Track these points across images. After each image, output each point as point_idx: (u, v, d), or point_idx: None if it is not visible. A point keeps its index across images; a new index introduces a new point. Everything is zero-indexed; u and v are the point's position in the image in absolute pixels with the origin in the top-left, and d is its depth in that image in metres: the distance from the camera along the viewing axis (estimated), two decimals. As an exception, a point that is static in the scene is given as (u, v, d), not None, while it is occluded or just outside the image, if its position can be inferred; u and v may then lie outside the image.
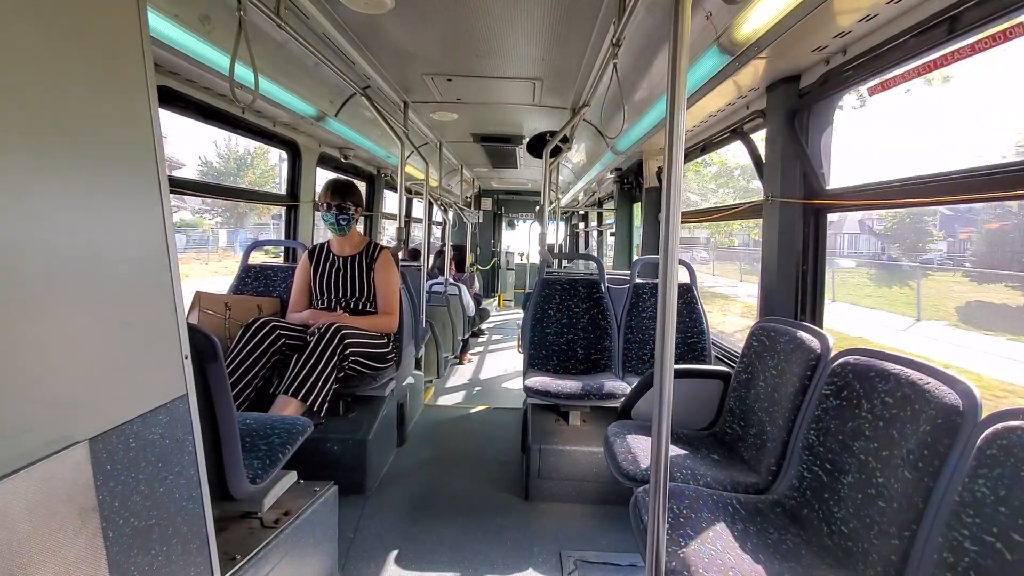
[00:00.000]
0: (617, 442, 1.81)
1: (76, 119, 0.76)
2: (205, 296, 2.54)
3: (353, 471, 2.30)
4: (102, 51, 0.81)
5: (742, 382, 1.92)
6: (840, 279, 14.30)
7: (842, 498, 1.31)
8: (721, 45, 1.74)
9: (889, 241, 16.73)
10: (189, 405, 0.97)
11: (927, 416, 1.13)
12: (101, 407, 0.79)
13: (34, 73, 0.70)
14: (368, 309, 2.58)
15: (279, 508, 1.47)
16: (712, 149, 3.00)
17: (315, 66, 2.58)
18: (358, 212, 2.56)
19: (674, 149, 1.03)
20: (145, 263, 0.88)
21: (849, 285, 14.16)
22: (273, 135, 3.07)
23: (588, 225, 8.49)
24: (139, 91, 0.87)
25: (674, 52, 1.02)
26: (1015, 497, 0.89)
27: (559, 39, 2.32)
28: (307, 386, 2.11)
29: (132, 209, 0.86)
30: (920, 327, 9.38)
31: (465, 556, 1.94)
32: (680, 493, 1.43)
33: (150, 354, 0.89)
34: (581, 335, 2.92)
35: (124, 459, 0.83)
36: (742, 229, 16.93)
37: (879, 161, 13.51)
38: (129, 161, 0.85)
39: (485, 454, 2.88)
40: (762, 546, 1.32)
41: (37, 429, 0.69)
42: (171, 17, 1.71)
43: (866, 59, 1.62)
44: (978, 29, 1.27)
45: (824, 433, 1.42)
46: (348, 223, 2.51)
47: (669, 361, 1.07)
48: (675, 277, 1.07)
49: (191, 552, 0.99)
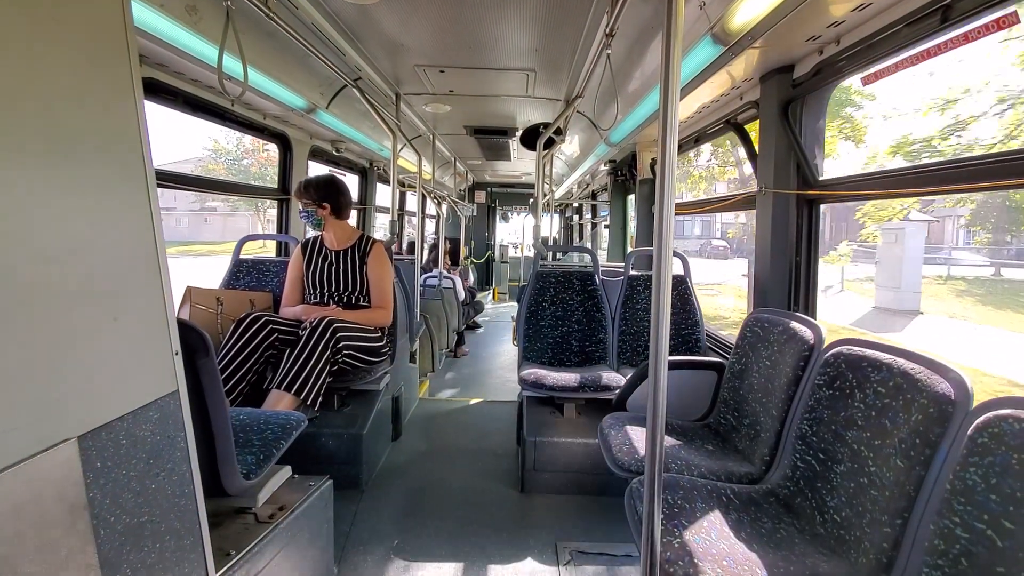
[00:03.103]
0: (612, 434, 1.82)
1: (59, 112, 0.74)
2: (196, 291, 2.52)
3: (348, 465, 2.30)
4: (85, 42, 0.79)
5: (736, 373, 1.93)
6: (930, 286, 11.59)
7: (835, 487, 1.32)
8: (715, 35, 1.73)
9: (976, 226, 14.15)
10: (180, 401, 0.97)
11: (919, 405, 1.14)
12: (90, 404, 0.78)
13: (15, 65, 0.68)
14: (361, 303, 2.56)
15: (274, 503, 1.46)
16: (706, 140, 2.99)
17: (305, 57, 2.54)
18: (321, 209, 2.50)
19: (668, 140, 1.03)
20: (133, 258, 0.87)
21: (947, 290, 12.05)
22: (263, 128, 3.03)
23: (582, 217, 8.49)
24: (124, 83, 0.85)
25: (667, 42, 1.01)
26: (1005, 485, 0.90)
27: (552, 30, 2.30)
28: (300, 380, 2.10)
29: (118, 203, 0.84)
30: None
31: (461, 548, 1.95)
32: (675, 484, 1.44)
33: (139, 350, 0.88)
34: (576, 327, 2.92)
35: (114, 456, 0.82)
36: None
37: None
38: (115, 154, 0.84)
39: (480, 447, 2.88)
40: (756, 535, 1.33)
41: (25, 427, 0.68)
42: (157, 7, 1.68)
43: (859, 49, 1.61)
44: (971, 18, 1.27)
45: (817, 423, 1.43)
46: (308, 218, 2.51)
47: (663, 353, 1.07)
48: (669, 269, 1.07)
49: (184, 548, 0.99)
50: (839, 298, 12.80)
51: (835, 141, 10.60)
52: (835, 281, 13.90)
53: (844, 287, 13.57)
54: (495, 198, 10.27)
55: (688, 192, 15.73)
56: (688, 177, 14.96)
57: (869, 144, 11.12)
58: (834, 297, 12.90)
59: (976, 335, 8.31)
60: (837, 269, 14.22)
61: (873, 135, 13.39)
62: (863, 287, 13.25)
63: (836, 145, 10.73)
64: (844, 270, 14.08)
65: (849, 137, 10.77)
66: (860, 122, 10.79)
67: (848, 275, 14.11)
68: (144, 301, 0.89)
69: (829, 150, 9.83)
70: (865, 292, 12.58)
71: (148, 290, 0.90)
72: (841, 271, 14.03)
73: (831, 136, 10.40)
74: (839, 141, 10.71)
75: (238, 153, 23.40)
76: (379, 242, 2.64)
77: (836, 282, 13.88)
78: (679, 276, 2.83)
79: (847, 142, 10.87)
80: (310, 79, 2.77)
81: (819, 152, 1.99)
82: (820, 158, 1.98)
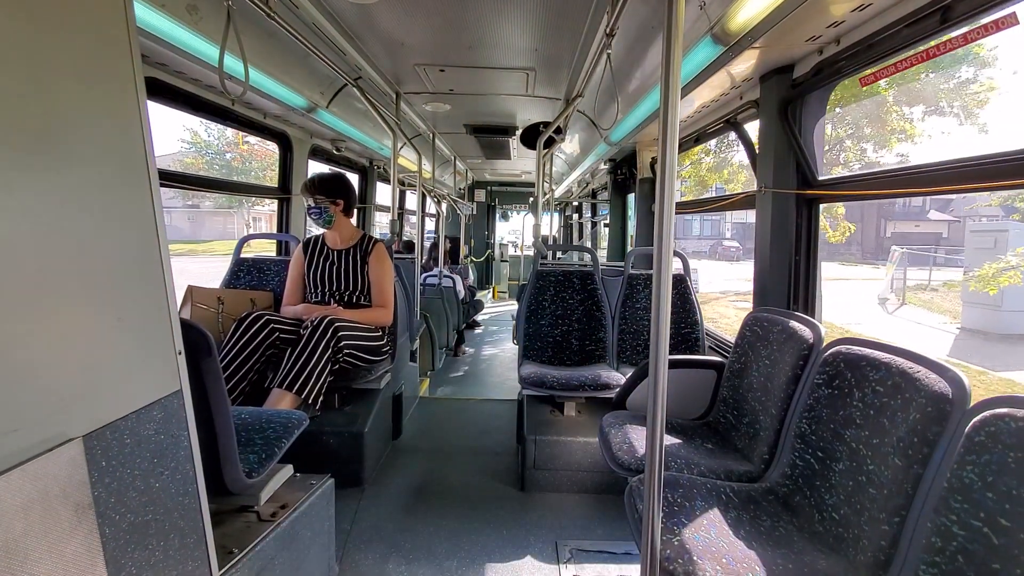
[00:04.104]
0: (612, 432, 1.82)
1: (63, 113, 0.75)
2: (197, 290, 2.52)
3: (349, 464, 2.31)
4: (88, 42, 0.79)
5: (735, 372, 1.94)
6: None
7: (833, 485, 1.33)
8: (715, 35, 1.73)
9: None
10: (183, 401, 0.97)
11: (917, 404, 1.14)
12: (94, 404, 0.79)
13: (19, 66, 0.69)
14: (362, 302, 2.57)
15: (276, 501, 1.47)
16: (706, 140, 3.00)
17: (306, 57, 2.54)
18: (335, 205, 2.51)
19: (668, 140, 1.03)
20: (136, 258, 0.87)
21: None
22: (264, 127, 3.03)
23: (582, 216, 8.49)
24: (127, 83, 0.85)
25: (668, 42, 1.02)
26: (1002, 483, 0.91)
27: (552, 29, 2.30)
28: (301, 379, 2.11)
29: (122, 203, 0.85)
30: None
31: (462, 547, 1.96)
32: (674, 482, 1.45)
33: (143, 350, 0.89)
34: (576, 326, 2.93)
35: (119, 455, 0.82)
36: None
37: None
38: (118, 154, 0.84)
39: (481, 445, 2.89)
40: (755, 533, 1.34)
41: (30, 427, 0.69)
42: (158, 7, 1.68)
43: (859, 49, 1.62)
44: (970, 19, 1.27)
45: (816, 422, 1.44)
46: (320, 216, 2.50)
47: (663, 352, 1.07)
48: (669, 268, 1.07)
49: (188, 546, 0.99)
50: (903, 315, 10.23)
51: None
52: (886, 290, 11.61)
53: (906, 299, 11.14)
54: (495, 197, 10.26)
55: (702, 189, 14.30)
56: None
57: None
58: (896, 313, 10.43)
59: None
60: (884, 276, 12.11)
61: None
62: (922, 298, 11.04)
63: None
64: (905, 278, 11.65)
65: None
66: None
67: (895, 283, 11.65)
68: (147, 301, 0.90)
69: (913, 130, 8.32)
70: (932, 306, 10.41)
71: (151, 290, 0.90)
72: (903, 280, 11.60)
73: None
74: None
75: (219, 146, 21.75)
76: (380, 241, 2.64)
77: (888, 291, 11.60)
78: (679, 275, 2.84)
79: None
80: (310, 78, 2.77)
81: (819, 151, 1.99)
82: (820, 158, 1.99)
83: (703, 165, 10.11)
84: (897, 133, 8.68)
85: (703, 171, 10.10)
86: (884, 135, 8.90)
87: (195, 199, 22.98)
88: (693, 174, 10.16)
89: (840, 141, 9.81)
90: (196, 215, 27.62)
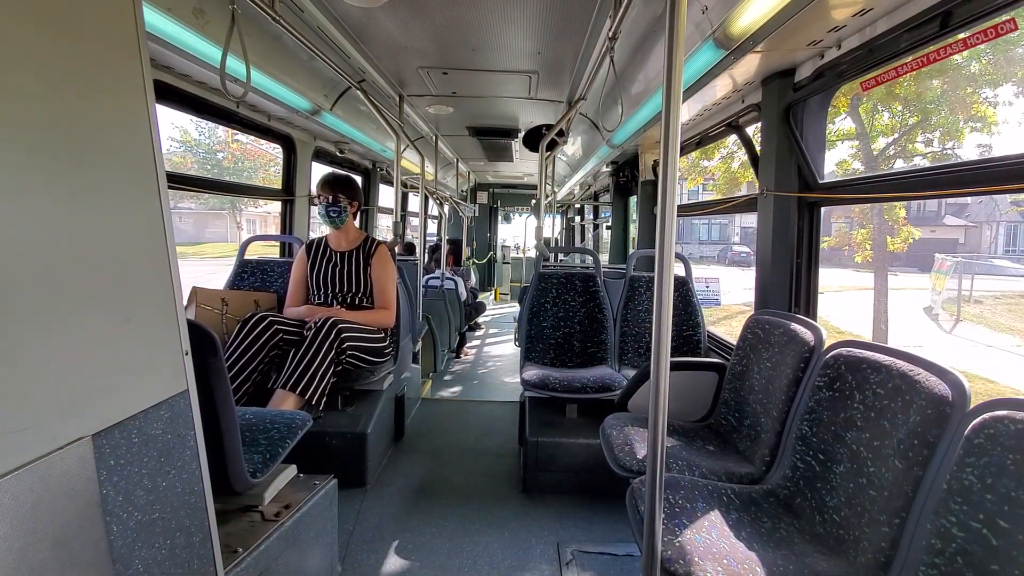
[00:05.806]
0: (614, 434, 1.83)
1: (73, 116, 0.76)
2: (202, 291, 2.54)
3: (352, 464, 2.32)
4: (98, 47, 0.80)
5: (737, 374, 1.94)
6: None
7: (834, 487, 1.33)
8: (717, 39, 1.74)
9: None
10: (190, 400, 0.98)
11: (917, 407, 1.15)
12: (103, 403, 0.80)
13: (30, 70, 0.70)
14: (365, 304, 2.58)
15: (279, 501, 1.48)
16: (708, 143, 3.01)
17: (310, 60, 2.56)
18: (352, 206, 2.56)
19: (670, 142, 1.04)
20: (145, 259, 0.88)
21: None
22: (268, 129, 3.05)
23: (584, 218, 8.49)
24: (136, 87, 0.87)
25: (670, 46, 1.03)
26: (1001, 485, 0.92)
27: (555, 32, 2.31)
28: (304, 380, 2.12)
29: (131, 205, 0.86)
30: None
31: (464, 548, 1.96)
32: (676, 484, 1.45)
33: (151, 350, 0.90)
34: (577, 328, 2.94)
35: (127, 454, 0.84)
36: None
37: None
38: (127, 157, 0.85)
39: (483, 447, 2.90)
40: (756, 535, 1.34)
41: (40, 426, 0.70)
42: (164, 10, 1.69)
43: (860, 53, 1.63)
44: (970, 24, 1.28)
45: (817, 424, 1.44)
46: (338, 215, 2.52)
47: (665, 354, 1.08)
48: (671, 270, 1.08)
49: (194, 545, 1.00)
50: (962, 333, 8.66)
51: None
52: (934, 303, 9.96)
53: (961, 315, 9.50)
54: (497, 199, 10.27)
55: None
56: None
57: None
58: (955, 332, 8.78)
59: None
60: (929, 287, 10.23)
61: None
62: (972, 311, 9.58)
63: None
64: (960, 290, 9.77)
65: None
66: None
67: (940, 295, 9.90)
68: (155, 302, 0.91)
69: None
70: (990, 323, 8.94)
71: (159, 291, 0.91)
72: (957, 293, 9.69)
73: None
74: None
75: (210, 145, 21.04)
76: (383, 244, 2.66)
77: (937, 305, 9.93)
78: (680, 278, 2.84)
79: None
80: (314, 81, 2.79)
81: (820, 155, 2.00)
82: (821, 161, 2.00)
83: (735, 158, 8.56)
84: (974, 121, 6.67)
85: (735, 167, 8.59)
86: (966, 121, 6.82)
87: (188, 201, 22.59)
88: (723, 170, 8.75)
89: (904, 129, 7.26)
90: (186, 215, 27.28)
